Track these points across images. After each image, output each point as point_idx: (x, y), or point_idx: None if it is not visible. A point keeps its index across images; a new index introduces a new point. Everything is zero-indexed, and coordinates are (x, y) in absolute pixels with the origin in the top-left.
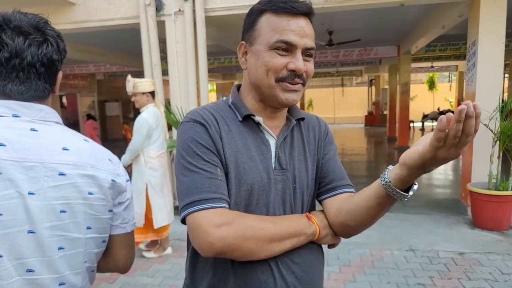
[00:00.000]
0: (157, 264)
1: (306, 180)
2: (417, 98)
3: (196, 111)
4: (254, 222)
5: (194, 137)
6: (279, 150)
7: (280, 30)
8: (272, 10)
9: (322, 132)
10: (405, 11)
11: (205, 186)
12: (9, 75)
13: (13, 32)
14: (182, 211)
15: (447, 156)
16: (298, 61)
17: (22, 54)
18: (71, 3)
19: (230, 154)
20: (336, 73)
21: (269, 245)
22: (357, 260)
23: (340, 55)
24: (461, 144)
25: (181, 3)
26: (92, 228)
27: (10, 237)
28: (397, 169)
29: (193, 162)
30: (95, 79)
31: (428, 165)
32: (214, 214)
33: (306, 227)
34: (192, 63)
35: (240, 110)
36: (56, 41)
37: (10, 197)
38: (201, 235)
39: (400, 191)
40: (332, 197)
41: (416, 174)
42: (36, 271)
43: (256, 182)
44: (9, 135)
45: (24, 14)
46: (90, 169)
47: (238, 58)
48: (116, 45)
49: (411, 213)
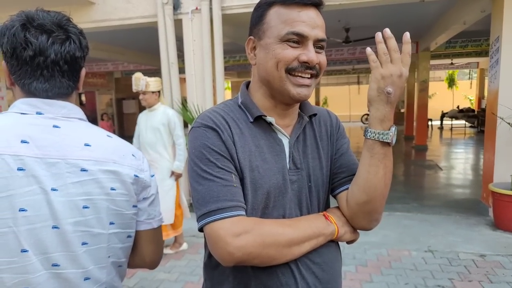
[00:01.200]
0: (173, 260)
1: (321, 178)
2: (436, 96)
3: (207, 115)
4: (273, 228)
5: (206, 143)
6: (293, 149)
7: (291, 22)
8: (281, 2)
9: (334, 126)
10: (425, 7)
11: (221, 194)
12: (34, 73)
13: (37, 31)
14: (200, 220)
15: (390, 71)
16: (311, 53)
17: (45, 52)
18: (91, 3)
19: (244, 158)
20: (352, 70)
21: (288, 250)
22: (373, 260)
23: (356, 52)
24: (394, 59)
25: (198, 2)
26: (115, 223)
27: (35, 232)
28: (369, 115)
29: (207, 170)
30: (113, 77)
31: (382, 86)
32: (232, 223)
33: (325, 227)
34: (209, 61)
35: (251, 110)
36: (79, 38)
37: (34, 193)
38: (221, 245)
39: (380, 130)
40: (345, 190)
41: (382, 105)
42: (61, 265)
43: (272, 184)
44: (33, 132)
45: (47, 12)
46: (112, 164)
47: (247, 54)
48: (134, 43)
49: (430, 213)
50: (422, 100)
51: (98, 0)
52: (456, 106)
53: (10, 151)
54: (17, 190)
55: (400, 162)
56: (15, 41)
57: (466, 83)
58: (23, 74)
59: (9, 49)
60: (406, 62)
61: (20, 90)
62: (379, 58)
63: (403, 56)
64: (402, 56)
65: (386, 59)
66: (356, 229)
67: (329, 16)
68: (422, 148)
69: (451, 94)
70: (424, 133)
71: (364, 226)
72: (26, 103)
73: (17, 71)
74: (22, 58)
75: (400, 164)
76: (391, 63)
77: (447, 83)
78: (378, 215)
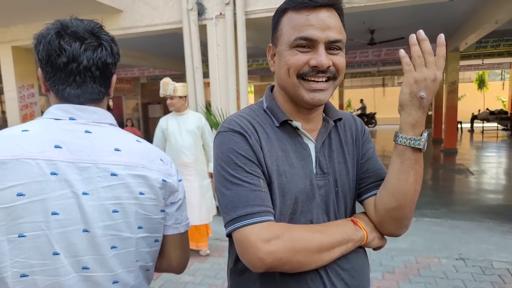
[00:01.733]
0: (197, 263)
1: (347, 183)
2: (466, 97)
3: (233, 120)
4: (303, 234)
5: (234, 147)
6: (319, 154)
7: (299, 27)
8: (293, 8)
9: (359, 131)
10: (454, 6)
11: (250, 199)
12: (67, 79)
13: (70, 38)
14: (228, 226)
15: (424, 75)
16: (320, 56)
17: (78, 58)
18: (119, 11)
19: (272, 163)
20: (377, 72)
21: (318, 256)
22: (401, 267)
23: (382, 54)
24: (428, 62)
25: (222, 7)
26: (143, 227)
27: (66, 236)
28: (400, 119)
29: (235, 174)
30: (139, 82)
31: (415, 90)
32: (262, 229)
33: (354, 233)
34: (232, 66)
35: (277, 115)
36: (110, 45)
37: (66, 197)
38: (251, 251)
39: (412, 136)
40: (373, 196)
41: (415, 110)
42: (91, 268)
43: (299, 190)
44: (65, 138)
45: (80, 20)
46: (141, 169)
47: (268, 61)
48: (159, 49)
49: (461, 219)
50: (451, 102)
51: (126, 8)
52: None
53: (44, 156)
54: (50, 194)
55: (428, 166)
56: (50, 49)
57: (498, 84)
58: (57, 80)
59: (45, 56)
60: (440, 65)
61: (54, 96)
62: (413, 61)
63: (437, 59)
64: (436, 58)
65: (420, 62)
66: (384, 235)
67: (354, 17)
68: (451, 152)
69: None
70: (454, 136)
71: (392, 232)
72: (59, 109)
73: (51, 77)
74: (56, 65)
75: (428, 168)
76: (425, 66)
77: (477, 84)
78: (407, 221)
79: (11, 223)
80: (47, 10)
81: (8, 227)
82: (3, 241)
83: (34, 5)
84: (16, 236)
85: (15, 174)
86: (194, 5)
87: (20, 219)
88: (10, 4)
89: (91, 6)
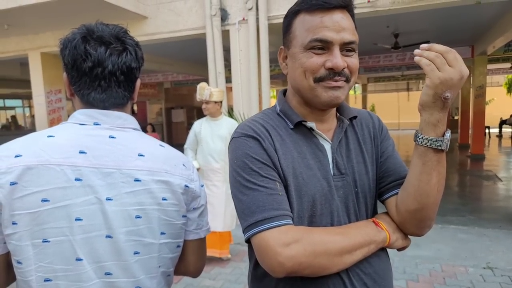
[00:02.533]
0: (218, 267)
1: (367, 183)
2: (494, 102)
3: (246, 125)
4: (323, 236)
5: (248, 152)
6: (336, 154)
7: (314, 29)
8: (305, 9)
9: (377, 128)
10: (481, 9)
11: (267, 203)
12: (92, 84)
13: (96, 43)
14: (246, 231)
15: (450, 75)
16: (336, 58)
17: (104, 63)
18: (144, 17)
19: (287, 166)
20: (401, 77)
21: (340, 259)
22: (426, 275)
23: (406, 58)
24: (450, 60)
25: (245, 12)
26: (166, 233)
27: (89, 241)
28: (420, 119)
29: (251, 179)
30: (163, 87)
31: (440, 91)
32: (281, 233)
33: (375, 234)
34: (255, 70)
35: (291, 117)
36: (135, 49)
37: (89, 202)
38: (271, 256)
39: (434, 137)
40: (395, 195)
41: (437, 111)
42: (114, 274)
43: (317, 191)
44: (90, 143)
45: (105, 25)
46: (165, 174)
47: (280, 64)
48: (182, 54)
49: (488, 227)
50: (479, 107)
51: (150, 15)
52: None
53: (69, 162)
54: (74, 200)
55: (454, 172)
56: (76, 53)
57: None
58: (82, 85)
59: (70, 60)
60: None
61: (80, 100)
62: (434, 62)
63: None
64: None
65: (442, 62)
66: (407, 235)
67: (377, 21)
68: (478, 157)
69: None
70: (481, 141)
71: (415, 232)
72: (84, 113)
73: (76, 81)
74: (81, 69)
75: (454, 174)
76: (450, 65)
77: (506, 88)
78: (431, 222)
79: (35, 228)
80: (74, 17)
81: (33, 232)
82: (28, 246)
83: (61, 12)
84: (40, 241)
85: (40, 180)
86: (217, 10)
87: (45, 224)
88: (39, 12)
89: (117, 13)
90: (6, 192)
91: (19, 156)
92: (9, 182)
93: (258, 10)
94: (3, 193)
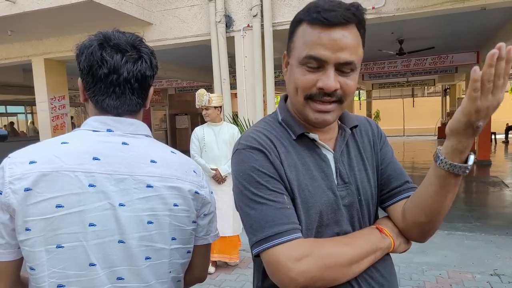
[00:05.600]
0: (223, 274)
1: (369, 190)
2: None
3: (250, 136)
4: (332, 249)
5: (254, 165)
6: (339, 164)
7: (311, 44)
8: (308, 21)
9: (376, 135)
10: (486, 14)
11: (276, 218)
12: (107, 90)
13: (112, 50)
14: (256, 246)
15: (488, 103)
16: (328, 79)
17: (119, 70)
18: (149, 23)
19: (293, 178)
20: (406, 83)
21: (349, 269)
22: (432, 282)
23: (411, 64)
24: (497, 87)
25: (249, 19)
26: (176, 239)
27: (102, 247)
28: (446, 142)
29: (259, 193)
30: (167, 93)
31: (474, 120)
32: (292, 248)
33: (381, 241)
34: (260, 77)
35: (293, 128)
36: (150, 58)
37: (103, 208)
38: (282, 272)
39: (458, 164)
40: (397, 202)
41: (466, 138)
42: (125, 279)
43: (323, 203)
44: (103, 150)
45: (122, 33)
46: (176, 181)
47: (282, 68)
48: (187, 61)
49: (495, 234)
50: None
51: (155, 21)
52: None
53: (83, 168)
54: (88, 206)
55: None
56: (92, 59)
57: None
58: (97, 91)
59: (86, 66)
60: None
61: (94, 106)
62: (482, 87)
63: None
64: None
65: (489, 89)
66: (409, 240)
67: (382, 28)
68: (485, 164)
69: None
70: (487, 147)
71: (417, 239)
72: (97, 120)
73: (91, 87)
74: (97, 76)
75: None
76: (492, 93)
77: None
78: (434, 231)
79: (49, 234)
80: (79, 24)
81: (47, 238)
82: (41, 252)
83: (66, 19)
84: (54, 247)
85: (55, 186)
86: (222, 17)
87: (59, 230)
88: (43, 19)
89: (122, 20)
90: (20, 198)
91: (34, 162)
92: (24, 188)
93: (263, 17)
94: (17, 199)
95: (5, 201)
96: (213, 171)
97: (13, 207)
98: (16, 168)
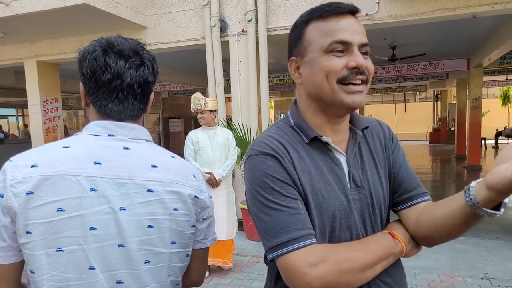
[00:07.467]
0: (217, 278)
1: (382, 194)
2: (490, 113)
3: (263, 142)
4: (346, 254)
5: (268, 171)
6: (352, 167)
7: (332, 32)
8: (318, 17)
9: (388, 138)
10: (477, 22)
11: (291, 224)
12: (110, 96)
13: (116, 56)
14: (271, 252)
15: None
16: (358, 57)
17: (122, 76)
18: (143, 27)
19: (306, 183)
20: (398, 88)
21: (363, 274)
22: (424, 286)
23: (403, 70)
24: None
25: (244, 24)
26: (176, 243)
27: (102, 250)
28: (484, 191)
29: (273, 199)
30: (160, 97)
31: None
32: (307, 253)
33: (393, 246)
34: (254, 81)
35: (306, 132)
36: (152, 64)
37: (104, 212)
38: (298, 277)
39: (490, 211)
40: (410, 207)
41: (507, 194)
42: (125, 282)
43: (336, 207)
44: (105, 154)
45: (125, 39)
46: (176, 185)
47: (291, 75)
48: (181, 65)
49: (486, 238)
50: (475, 118)
51: (149, 25)
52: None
53: (84, 173)
54: (88, 210)
55: (451, 183)
56: (96, 65)
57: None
58: (100, 96)
59: (89, 71)
60: None
61: (96, 111)
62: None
63: None
64: None
65: None
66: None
67: (375, 34)
68: (475, 169)
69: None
70: (478, 152)
71: (425, 245)
72: (99, 125)
73: (94, 92)
74: (100, 81)
75: (451, 185)
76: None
77: (501, 100)
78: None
79: (50, 238)
80: (72, 26)
81: (47, 241)
82: (41, 255)
83: (59, 21)
84: (54, 250)
85: (56, 190)
86: (216, 22)
87: (59, 233)
88: (36, 21)
89: (116, 23)
90: (21, 202)
91: (35, 166)
92: (25, 191)
93: (257, 22)
94: (19, 202)
95: (7, 204)
96: (207, 175)
97: (14, 210)
98: (17, 171)
